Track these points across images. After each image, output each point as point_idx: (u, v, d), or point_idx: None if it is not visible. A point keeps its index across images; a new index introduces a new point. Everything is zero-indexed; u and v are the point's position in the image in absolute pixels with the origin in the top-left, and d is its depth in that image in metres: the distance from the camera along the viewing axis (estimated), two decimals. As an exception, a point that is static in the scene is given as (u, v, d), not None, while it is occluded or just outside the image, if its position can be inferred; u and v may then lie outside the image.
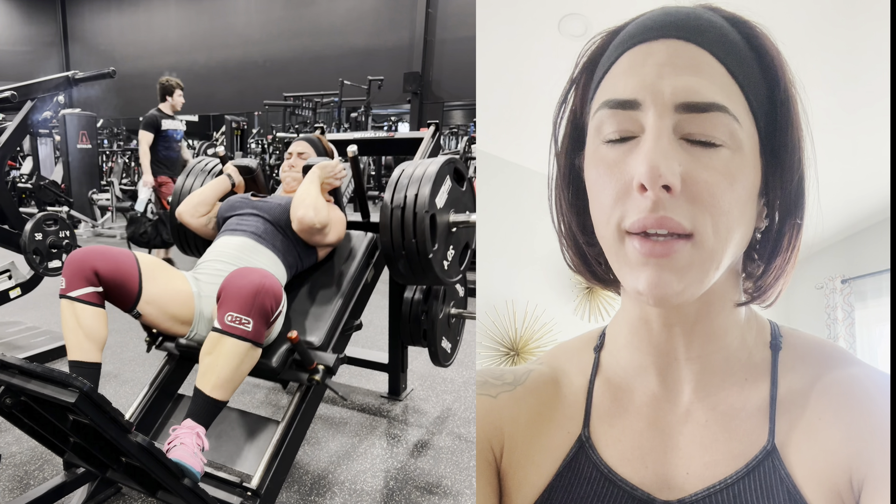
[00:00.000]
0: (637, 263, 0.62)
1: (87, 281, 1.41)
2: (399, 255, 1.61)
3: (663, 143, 0.59)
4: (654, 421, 0.71)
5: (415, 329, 2.17)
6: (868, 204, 2.17)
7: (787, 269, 0.68)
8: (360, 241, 1.89)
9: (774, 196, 0.66)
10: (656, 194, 0.59)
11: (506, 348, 2.32)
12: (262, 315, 1.34)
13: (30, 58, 15.61)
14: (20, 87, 2.61)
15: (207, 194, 1.89)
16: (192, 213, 1.86)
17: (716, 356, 0.70)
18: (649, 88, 0.61)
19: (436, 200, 1.61)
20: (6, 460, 1.86)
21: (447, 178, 1.68)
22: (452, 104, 11.72)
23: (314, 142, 2.02)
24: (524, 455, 0.75)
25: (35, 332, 3.10)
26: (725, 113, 0.60)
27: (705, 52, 0.61)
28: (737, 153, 0.61)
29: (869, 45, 1.51)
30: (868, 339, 2.42)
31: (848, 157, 1.83)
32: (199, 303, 1.55)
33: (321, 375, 1.49)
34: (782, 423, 0.66)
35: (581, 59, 0.71)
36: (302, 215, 1.64)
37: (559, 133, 0.74)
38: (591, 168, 0.67)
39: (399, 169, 1.70)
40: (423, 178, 1.62)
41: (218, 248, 1.66)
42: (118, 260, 1.45)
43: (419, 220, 1.56)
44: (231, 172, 1.95)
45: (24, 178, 6.52)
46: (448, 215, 1.69)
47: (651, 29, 0.63)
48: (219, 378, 1.33)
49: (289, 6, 13.06)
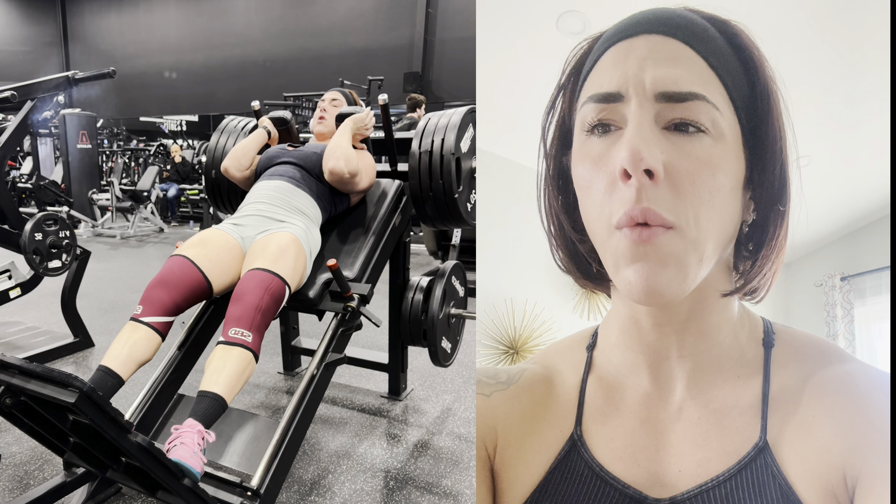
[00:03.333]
0: (626, 256, 0.62)
1: (165, 311, 1.50)
2: (427, 197, 1.80)
3: (644, 130, 0.60)
4: (647, 419, 0.71)
5: (415, 329, 2.17)
6: (867, 201, 2.17)
7: (773, 259, 0.68)
8: (389, 187, 1.99)
9: (759, 187, 0.66)
10: (639, 180, 0.60)
11: (505, 347, 2.32)
12: (260, 331, 1.46)
13: (30, 58, 15.60)
14: (20, 87, 2.61)
15: (249, 147, 1.97)
16: (237, 167, 1.94)
17: (708, 354, 0.70)
18: (631, 80, 0.62)
19: (460, 145, 1.77)
20: (6, 460, 1.86)
21: (470, 125, 1.82)
22: (452, 104, 11.71)
23: (345, 93, 2.12)
24: (516, 453, 0.75)
25: (35, 332, 3.11)
26: (705, 101, 0.61)
27: (685, 46, 0.63)
28: (719, 141, 0.62)
29: (869, 39, 1.51)
30: (867, 336, 2.42)
31: (847, 153, 1.83)
32: (245, 246, 1.67)
33: (356, 303, 1.62)
34: (775, 420, 0.66)
35: (567, 67, 0.73)
36: (333, 166, 1.76)
37: (547, 137, 0.76)
38: (578, 164, 0.68)
39: (425, 119, 1.85)
40: (449, 126, 1.77)
41: (258, 192, 1.77)
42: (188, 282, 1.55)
43: (446, 162, 1.74)
44: (266, 125, 2.04)
45: (24, 177, 6.53)
46: (471, 161, 1.85)
47: (632, 26, 0.65)
48: (228, 378, 1.38)
49: (289, 6, 13.06)
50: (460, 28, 10.92)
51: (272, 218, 1.71)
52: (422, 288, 2.19)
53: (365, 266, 1.78)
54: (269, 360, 2.80)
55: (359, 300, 1.63)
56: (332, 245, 1.86)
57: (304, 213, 1.75)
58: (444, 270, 2.20)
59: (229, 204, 2.24)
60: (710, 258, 0.64)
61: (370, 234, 1.86)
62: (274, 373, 2.69)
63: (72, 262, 2.75)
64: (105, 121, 11.80)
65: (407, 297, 2.18)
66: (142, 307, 1.49)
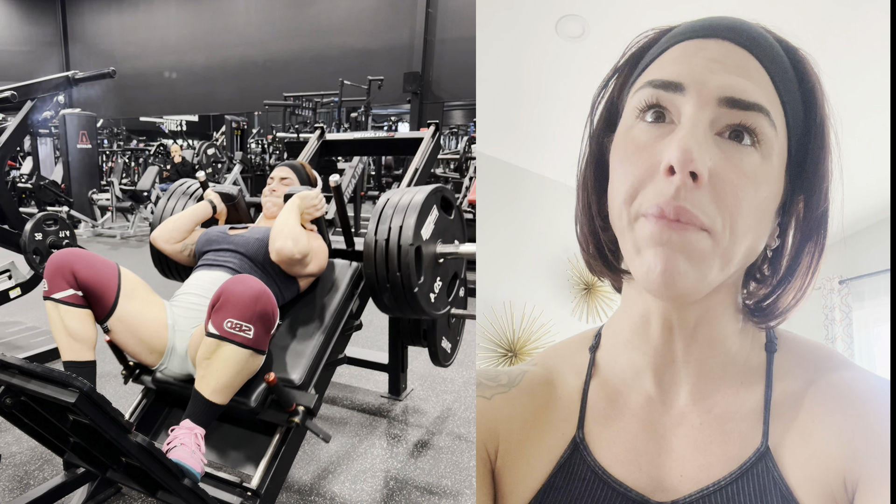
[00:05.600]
0: (649, 244, 0.61)
1: (67, 283, 1.40)
2: (384, 289, 1.57)
3: (699, 133, 0.60)
4: (649, 423, 0.71)
5: (415, 329, 2.17)
6: (865, 205, 2.17)
7: (806, 290, 0.69)
8: (344, 271, 1.79)
9: (798, 218, 0.67)
10: (682, 179, 0.59)
11: (504, 349, 2.33)
12: (264, 322, 1.31)
13: (30, 58, 15.61)
14: (20, 87, 2.61)
15: (185, 220, 1.82)
16: (166, 239, 1.80)
17: (713, 361, 0.70)
18: (696, 77, 0.62)
19: (421, 232, 1.56)
20: (6, 460, 1.86)
21: (434, 207, 1.62)
22: (452, 104, 11.73)
23: (297, 169, 1.96)
24: (518, 456, 0.75)
25: (35, 332, 3.11)
26: (766, 116, 0.61)
27: (754, 59, 0.63)
28: (766, 160, 0.62)
29: (868, 42, 1.51)
30: (866, 339, 2.42)
31: (845, 156, 1.83)
32: (173, 336, 1.51)
33: (301, 417, 1.43)
34: (776, 426, 0.66)
35: (629, 50, 0.73)
36: (280, 246, 1.57)
37: (595, 115, 0.75)
38: (620, 147, 0.67)
39: (384, 197, 1.64)
40: (409, 208, 1.56)
41: (194, 282, 1.61)
42: (98, 268, 1.44)
43: (404, 253, 1.52)
44: (212, 198, 1.90)
45: (24, 178, 6.52)
46: (435, 246, 1.64)
47: (705, 27, 0.65)
48: (217, 383, 1.31)
49: (289, 6, 13.07)
50: (460, 28, 10.92)
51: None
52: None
53: (313, 370, 1.56)
54: (268, 360, 2.79)
55: (304, 414, 1.43)
56: (278, 341, 1.62)
57: None
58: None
59: (177, 273, 2.03)
60: (733, 268, 0.64)
61: (321, 331, 1.63)
62: (273, 373, 2.69)
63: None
64: (105, 121, 11.79)
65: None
66: (46, 282, 1.40)
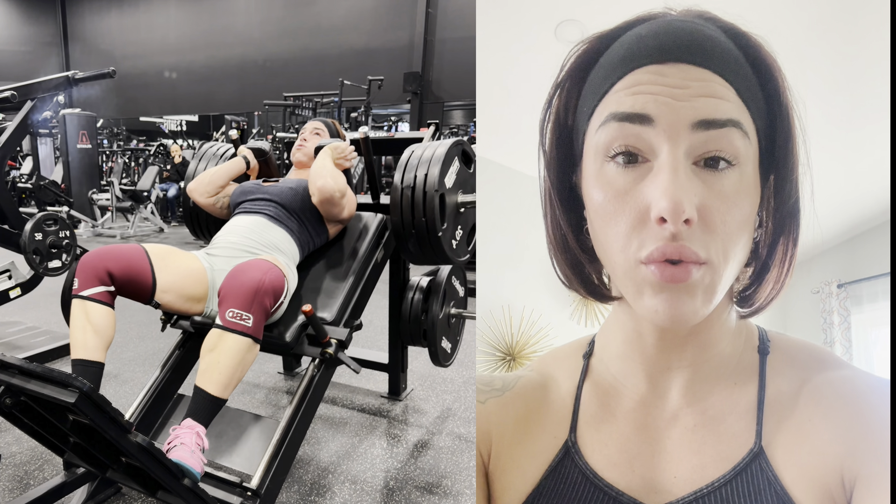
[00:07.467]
0: (654, 288, 0.62)
1: (100, 281, 1.43)
2: (409, 234, 1.67)
3: (681, 176, 0.60)
4: (642, 425, 0.71)
5: (415, 329, 2.18)
6: (864, 209, 2.18)
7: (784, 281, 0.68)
8: (370, 221, 1.93)
9: (769, 208, 0.67)
10: (677, 228, 0.59)
11: (502, 353, 2.33)
12: (262, 311, 1.38)
13: (30, 58, 15.59)
14: (20, 87, 2.61)
15: (220, 175, 1.92)
16: (201, 192, 1.90)
17: (707, 364, 0.70)
18: (663, 107, 0.61)
19: (445, 180, 1.66)
20: (6, 460, 1.86)
21: (455, 159, 1.72)
22: (452, 104, 11.72)
23: (328, 124, 2.08)
24: (510, 460, 0.75)
25: (35, 332, 3.11)
26: (739, 129, 0.61)
27: (714, 74, 0.62)
28: (743, 172, 0.62)
29: (867, 45, 1.51)
30: (864, 343, 2.42)
31: (845, 160, 1.84)
32: (213, 277, 1.59)
33: (334, 348, 1.53)
34: (770, 426, 0.66)
35: (567, 63, 0.71)
36: (322, 185, 1.70)
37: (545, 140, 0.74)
38: (597, 189, 0.66)
39: (409, 150, 1.74)
40: (433, 159, 1.66)
41: (232, 226, 1.72)
42: (129, 257, 1.48)
43: (429, 199, 1.61)
44: (245, 154, 2.00)
45: (24, 178, 6.53)
46: (457, 196, 1.74)
47: (660, 51, 0.63)
48: (221, 375, 1.34)
49: (289, 6, 13.06)
50: (460, 28, 10.92)
51: (247, 251, 1.64)
52: (422, 288, 2.19)
53: (344, 308, 1.69)
54: (268, 359, 2.80)
55: (337, 346, 1.55)
56: (310, 284, 1.76)
57: (280, 250, 1.69)
58: (443, 271, 2.20)
59: (207, 232, 2.13)
60: (731, 283, 0.65)
61: (350, 273, 1.77)
62: (274, 373, 2.69)
63: (72, 262, 2.75)
64: (105, 121, 11.80)
65: (407, 296, 2.18)
66: (77, 280, 1.41)
